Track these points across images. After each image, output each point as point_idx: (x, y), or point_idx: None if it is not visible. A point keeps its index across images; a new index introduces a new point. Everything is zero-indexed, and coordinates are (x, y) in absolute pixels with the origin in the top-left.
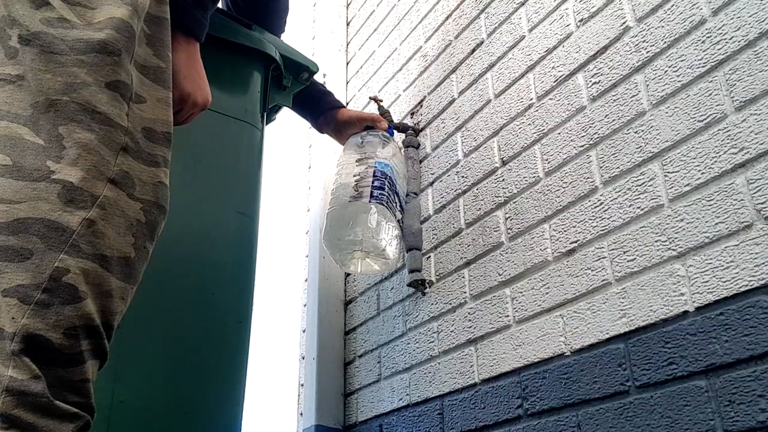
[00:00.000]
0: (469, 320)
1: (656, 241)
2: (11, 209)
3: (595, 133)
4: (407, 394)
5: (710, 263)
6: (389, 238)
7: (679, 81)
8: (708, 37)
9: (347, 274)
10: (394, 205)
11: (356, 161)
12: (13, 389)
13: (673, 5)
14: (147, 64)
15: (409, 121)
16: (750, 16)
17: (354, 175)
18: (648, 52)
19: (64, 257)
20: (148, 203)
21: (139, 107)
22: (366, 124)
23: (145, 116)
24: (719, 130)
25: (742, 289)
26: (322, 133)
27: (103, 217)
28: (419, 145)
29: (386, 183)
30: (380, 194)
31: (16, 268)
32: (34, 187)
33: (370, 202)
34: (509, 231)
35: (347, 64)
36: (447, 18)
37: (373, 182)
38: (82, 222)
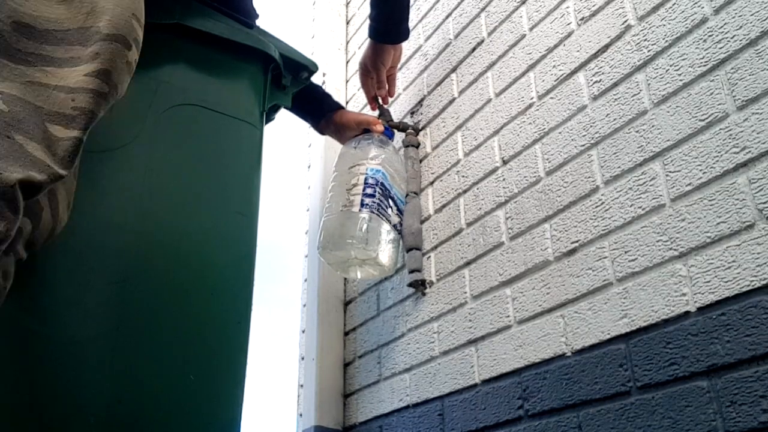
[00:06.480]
0: (470, 320)
1: (657, 241)
2: None
3: (596, 133)
4: (407, 395)
5: (712, 263)
6: (382, 245)
7: (680, 80)
8: (709, 35)
9: None
10: (388, 210)
11: (349, 168)
12: None
13: (674, 4)
14: None
15: (409, 121)
16: (752, 15)
17: (346, 183)
18: (649, 50)
19: None
20: (11, 97)
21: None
22: (364, 127)
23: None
24: (721, 129)
25: (744, 290)
26: (323, 134)
27: None
28: (419, 144)
29: (377, 189)
30: (371, 202)
31: None
32: None
33: (360, 211)
34: (510, 231)
35: (347, 62)
36: (447, 17)
37: (363, 190)
38: None
